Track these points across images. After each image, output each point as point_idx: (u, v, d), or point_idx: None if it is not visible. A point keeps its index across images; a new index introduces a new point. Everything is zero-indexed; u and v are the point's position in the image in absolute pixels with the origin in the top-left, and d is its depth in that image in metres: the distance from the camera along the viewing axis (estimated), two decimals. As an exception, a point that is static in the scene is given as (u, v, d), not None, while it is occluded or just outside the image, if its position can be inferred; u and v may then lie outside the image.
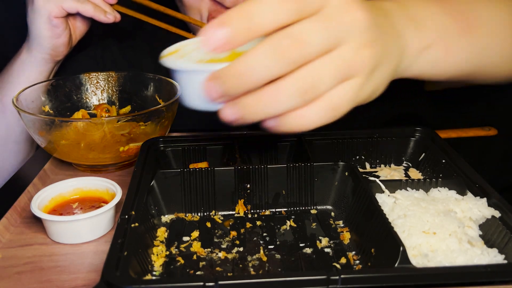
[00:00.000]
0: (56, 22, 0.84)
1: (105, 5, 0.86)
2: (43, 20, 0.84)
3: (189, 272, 0.57)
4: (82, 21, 0.90)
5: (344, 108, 0.48)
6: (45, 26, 0.84)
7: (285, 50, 0.43)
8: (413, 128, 0.80)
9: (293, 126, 0.47)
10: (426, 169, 0.76)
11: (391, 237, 0.54)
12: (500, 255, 0.57)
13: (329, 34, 0.44)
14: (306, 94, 0.45)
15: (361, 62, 0.47)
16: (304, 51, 0.43)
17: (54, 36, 0.86)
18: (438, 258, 0.56)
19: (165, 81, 0.88)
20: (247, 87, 0.44)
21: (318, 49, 0.44)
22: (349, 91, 0.47)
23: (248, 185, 0.68)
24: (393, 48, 0.53)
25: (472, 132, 1.02)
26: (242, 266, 0.58)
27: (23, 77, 0.90)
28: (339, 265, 0.58)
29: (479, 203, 0.63)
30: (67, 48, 0.89)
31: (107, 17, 0.85)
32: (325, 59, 0.45)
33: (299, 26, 0.43)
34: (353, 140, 0.79)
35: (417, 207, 0.61)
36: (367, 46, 0.47)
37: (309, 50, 0.44)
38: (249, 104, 0.45)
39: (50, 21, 0.84)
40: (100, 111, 0.89)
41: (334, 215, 0.68)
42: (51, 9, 0.83)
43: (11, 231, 0.66)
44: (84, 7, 0.84)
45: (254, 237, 0.63)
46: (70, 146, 0.76)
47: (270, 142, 0.78)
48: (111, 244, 0.54)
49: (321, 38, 0.44)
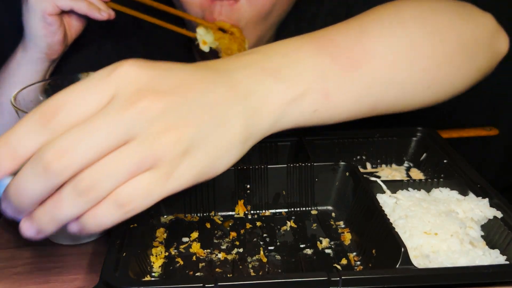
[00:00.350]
0: (50, 20, 0.84)
1: (99, 2, 0.85)
2: (37, 18, 0.83)
3: (189, 273, 0.57)
4: (77, 19, 0.89)
5: (138, 202, 0.44)
6: (39, 24, 0.84)
7: (48, 165, 0.40)
8: (414, 128, 0.80)
9: (91, 227, 0.44)
10: (427, 169, 0.76)
11: (392, 238, 0.54)
12: (502, 256, 0.56)
13: (105, 134, 0.42)
14: (87, 195, 0.42)
15: (160, 151, 0.43)
16: (69, 160, 0.41)
17: (49, 34, 0.85)
18: (440, 259, 0.55)
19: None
20: (28, 207, 0.43)
21: (91, 153, 0.41)
22: (143, 184, 0.44)
23: (248, 185, 0.68)
24: (225, 116, 0.48)
25: (473, 132, 1.02)
26: (242, 267, 0.58)
27: (18, 76, 0.89)
28: (340, 266, 0.58)
29: (481, 204, 0.62)
30: (62, 46, 0.89)
31: (101, 14, 0.85)
32: (109, 157, 0.42)
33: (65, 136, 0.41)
34: (354, 140, 0.79)
35: (419, 207, 0.61)
36: (165, 133, 0.43)
37: (75, 157, 0.41)
38: (39, 217, 0.43)
39: (44, 19, 0.83)
40: (99, 111, 0.89)
41: (335, 216, 0.67)
42: (45, 7, 0.82)
43: (10, 231, 0.66)
44: (78, 4, 0.83)
45: (254, 238, 0.63)
46: (69, 146, 0.76)
47: (270, 142, 0.78)
48: (110, 245, 0.53)
49: (93, 142, 0.41)
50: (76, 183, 0.42)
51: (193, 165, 0.46)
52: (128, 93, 0.43)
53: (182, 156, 0.45)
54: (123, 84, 0.43)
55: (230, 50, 0.85)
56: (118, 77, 0.44)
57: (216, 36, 0.86)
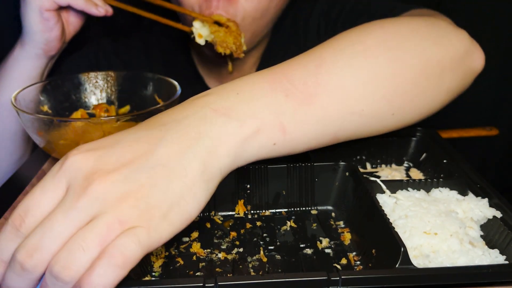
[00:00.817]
0: (47, 15, 0.84)
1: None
2: (35, 13, 0.84)
3: (189, 273, 0.57)
4: (75, 15, 0.90)
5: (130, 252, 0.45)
6: (36, 19, 0.85)
7: (22, 264, 0.44)
8: (414, 128, 0.80)
9: None
10: (427, 169, 0.76)
11: (392, 238, 0.54)
12: (502, 255, 0.56)
13: (66, 224, 0.45)
14: (62, 276, 0.44)
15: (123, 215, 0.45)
16: (38, 256, 0.44)
17: (46, 29, 0.86)
18: (440, 259, 0.55)
19: (164, 81, 0.88)
20: None
21: (56, 244, 0.44)
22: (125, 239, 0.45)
23: (248, 185, 0.68)
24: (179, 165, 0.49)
25: (473, 132, 1.02)
26: (242, 267, 0.58)
27: (16, 72, 0.90)
28: (340, 266, 0.58)
29: (481, 204, 0.63)
30: (60, 42, 0.89)
31: (98, 10, 0.86)
32: (74, 236, 0.45)
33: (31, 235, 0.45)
34: (354, 140, 0.79)
35: (418, 207, 0.61)
36: (122, 201, 0.46)
37: (43, 251, 0.44)
38: None
39: (41, 14, 0.84)
40: (99, 111, 0.89)
41: (335, 216, 0.67)
42: (42, 2, 0.83)
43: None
44: (75, 0, 0.83)
45: (254, 237, 0.63)
46: (69, 146, 0.76)
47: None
48: (110, 245, 0.53)
49: (55, 234, 0.45)
50: (51, 269, 0.44)
51: (165, 216, 0.47)
52: (78, 182, 0.46)
53: (148, 213, 0.46)
54: (73, 174, 0.47)
55: (225, 43, 0.86)
56: (67, 169, 0.47)
57: (211, 29, 0.86)
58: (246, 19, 0.88)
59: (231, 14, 0.86)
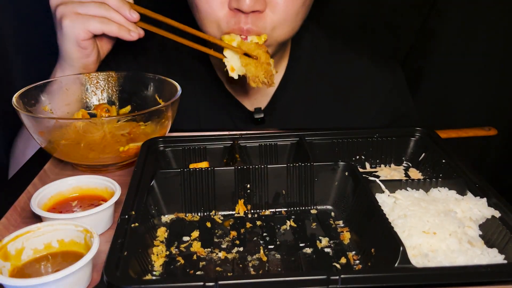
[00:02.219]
0: (84, 44, 0.87)
1: (128, 23, 0.87)
2: (72, 43, 0.87)
3: (189, 272, 0.57)
4: (108, 39, 0.92)
5: None
6: (74, 48, 0.88)
7: None
8: (413, 128, 0.80)
9: None
10: (426, 169, 0.76)
11: (391, 237, 0.54)
12: (500, 255, 0.57)
13: None
14: None
15: None
16: None
17: (84, 56, 0.89)
18: (438, 258, 0.56)
19: (165, 81, 0.88)
20: None
21: None
22: None
23: (248, 185, 0.68)
24: None
25: (472, 132, 1.02)
26: (242, 266, 0.58)
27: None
28: (339, 265, 0.58)
29: (479, 203, 0.63)
30: (96, 64, 0.93)
31: (131, 35, 0.87)
32: None
33: None
34: (353, 140, 0.79)
35: (417, 207, 0.61)
36: None
37: None
38: None
39: (78, 44, 0.87)
40: (100, 111, 0.89)
41: (334, 215, 0.68)
42: (78, 33, 0.85)
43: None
44: (109, 28, 0.86)
45: (254, 237, 0.63)
46: (70, 146, 0.76)
47: (270, 142, 0.78)
48: (111, 244, 0.54)
49: None
50: None
51: None
52: None
53: None
54: None
55: (257, 78, 0.87)
56: None
57: (242, 62, 0.87)
58: (275, 31, 0.89)
59: (260, 27, 0.87)
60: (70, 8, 0.85)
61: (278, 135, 0.78)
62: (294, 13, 0.89)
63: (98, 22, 0.85)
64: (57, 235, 0.58)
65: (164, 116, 0.80)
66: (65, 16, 0.85)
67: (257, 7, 0.84)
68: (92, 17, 0.85)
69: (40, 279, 0.51)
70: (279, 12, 0.87)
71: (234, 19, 0.87)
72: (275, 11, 0.87)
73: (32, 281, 0.51)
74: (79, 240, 0.58)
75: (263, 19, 0.87)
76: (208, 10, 0.88)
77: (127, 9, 0.86)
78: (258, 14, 0.86)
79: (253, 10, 0.85)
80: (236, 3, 0.84)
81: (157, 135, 0.80)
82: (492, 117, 1.42)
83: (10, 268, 0.55)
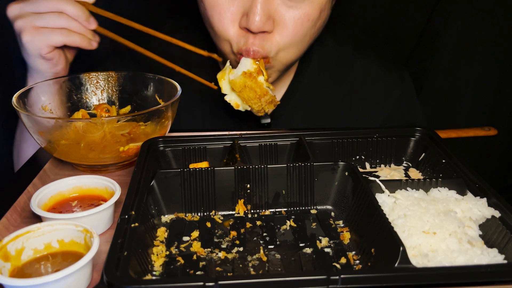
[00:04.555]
0: (49, 56, 0.86)
1: (87, 31, 0.87)
2: (36, 57, 0.86)
3: (189, 272, 0.57)
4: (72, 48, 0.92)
5: None
6: (40, 61, 0.87)
7: None
8: (413, 128, 0.80)
9: None
10: (426, 169, 0.77)
11: (391, 237, 0.54)
12: (500, 255, 0.57)
13: None
14: None
15: None
16: None
17: (51, 66, 0.88)
18: (438, 258, 0.56)
19: (165, 81, 0.88)
20: None
21: None
22: None
23: (248, 185, 0.68)
24: None
25: (472, 132, 1.02)
26: (242, 266, 0.58)
27: None
28: (339, 265, 0.58)
29: (479, 203, 0.63)
30: (66, 69, 0.92)
31: (92, 44, 0.87)
32: None
33: None
34: (353, 140, 0.79)
35: (417, 207, 0.61)
36: None
37: None
38: None
39: (43, 57, 0.86)
40: (100, 111, 0.89)
41: (334, 215, 0.68)
42: (40, 48, 0.84)
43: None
44: (70, 39, 0.85)
45: (254, 237, 0.63)
46: (70, 146, 0.76)
47: (270, 142, 0.78)
48: (111, 244, 0.54)
49: None
50: None
51: None
52: None
53: None
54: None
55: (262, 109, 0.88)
56: None
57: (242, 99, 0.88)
58: (280, 53, 0.89)
59: (266, 49, 0.87)
60: (29, 22, 0.83)
61: (278, 135, 0.78)
62: (302, 35, 0.89)
63: (59, 35, 0.84)
64: (57, 235, 0.58)
65: (164, 116, 0.80)
66: (24, 31, 0.83)
67: (265, 27, 0.84)
68: (52, 30, 0.83)
69: (40, 279, 0.51)
70: (286, 34, 0.87)
71: (244, 39, 0.87)
72: (283, 33, 0.87)
73: (32, 281, 0.51)
74: (79, 240, 0.58)
75: (270, 40, 0.87)
76: (220, 28, 0.88)
77: (85, 17, 0.85)
78: (266, 35, 0.86)
79: (262, 30, 0.85)
80: (246, 22, 0.84)
81: (157, 135, 0.80)
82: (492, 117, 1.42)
83: (10, 268, 0.55)
